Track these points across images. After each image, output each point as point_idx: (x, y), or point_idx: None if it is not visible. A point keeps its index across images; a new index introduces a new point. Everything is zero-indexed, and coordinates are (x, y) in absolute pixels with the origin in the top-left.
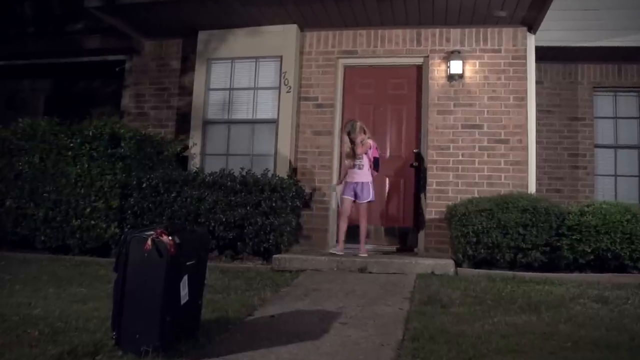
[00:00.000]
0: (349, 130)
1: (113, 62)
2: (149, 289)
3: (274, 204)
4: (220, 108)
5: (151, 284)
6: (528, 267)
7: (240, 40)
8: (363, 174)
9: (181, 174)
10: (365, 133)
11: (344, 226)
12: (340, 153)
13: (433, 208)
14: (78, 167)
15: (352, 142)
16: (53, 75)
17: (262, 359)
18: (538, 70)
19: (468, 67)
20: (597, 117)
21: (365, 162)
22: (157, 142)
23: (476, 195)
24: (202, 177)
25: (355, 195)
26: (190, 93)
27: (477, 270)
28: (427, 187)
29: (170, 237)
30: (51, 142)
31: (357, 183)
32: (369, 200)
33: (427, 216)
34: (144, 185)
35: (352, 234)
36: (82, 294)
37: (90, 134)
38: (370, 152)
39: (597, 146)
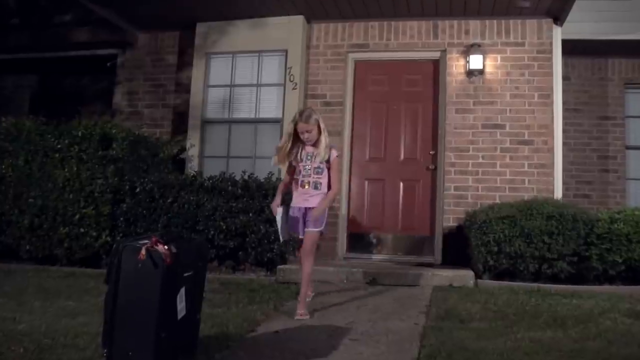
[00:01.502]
0: (296, 121)
1: (104, 56)
2: (143, 303)
3: None
4: (220, 106)
5: (145, 297)
6: (554, 279)
7: (241, 33)
8: (317, 198)
9: (178, 178)
10: (321, 132)
11: (307, 271)
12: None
13: (451, 215)
14: (66, 170)
15: (298, 136)
16: (39, 70)
17: None
18: (565, 65)
19: (489, 62)
20: (629, 116)
21: (324, 178)
22: (152, 144)
23: (497, 200)
24: (200, 182)
25: (304, 223)
26: (188, 90)
27: (498, 282)
28: (445, 192)
29: (166, 246)
30: (37, 143)
31: (305, 209)
32: (319, 230)
33: (445, 223)
34: (138, 190)
35: (361, 242)
36: (70, 307)
37: (79, 134)
38: (332, 161)
39: (628, 147)
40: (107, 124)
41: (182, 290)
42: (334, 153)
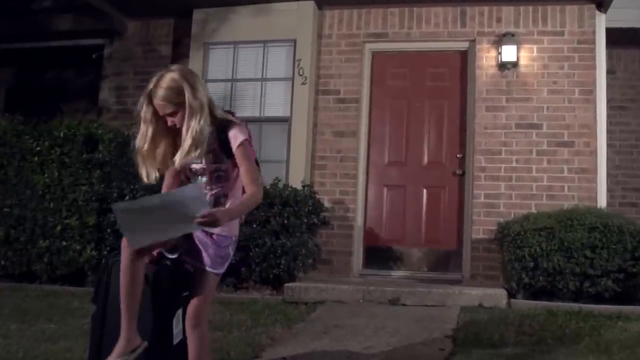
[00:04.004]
0: (150, 91)
1: (89, 47)
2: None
3: (285, 221)
4: (221, 103)
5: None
6: (597, 299)
7: (244, 21)
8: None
9: None
10: (190, 110)
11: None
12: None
13: (481, 226)
14: (46, 175)
15: (165, 115)
16: (15, 63)
17: None
18: (609, 57)
19: (523, 54)
20: None
21: (231, 188)
22: None
23: (533, 210)
24: None
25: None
26: None
27: (534, 302)
28: (474, 201)
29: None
30: (13, 145)
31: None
32: (219, 272)
33: (474, 236)
34: (127, 198)
35: (379, 256)
36: (51, 331)
37: (61, 135)
38: (235, 151)
39: None
40: (92, 124)
41: (179, 312)
42: (239, 136)
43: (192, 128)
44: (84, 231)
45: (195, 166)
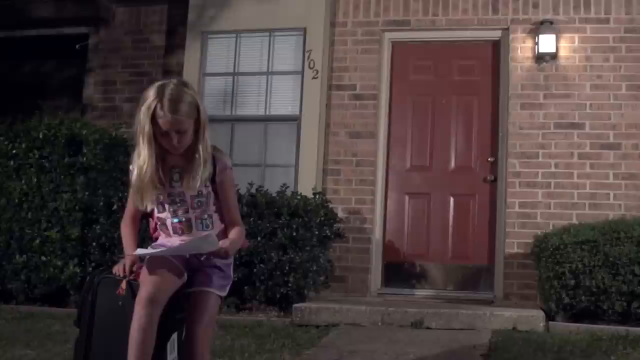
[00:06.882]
0: (153, 108)
1: (72, 36)
2: (124, 351)
3: (294, 234)
4: (221, 100)
5: (127, 343)
6: None
7: (248, 7)
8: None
9: None
10: (200, 128)
11: None
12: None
13: (515, 239)
14: (23, 182)
15: (156, 137)
16: None
17: None
18: None
19: (563, 44)
20: None
21: (212, 211)
22: (133, 148)
23: (575, 221)
24: None
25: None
26: None
27: (575, 325)
28: (507, 210)
29: None
30: None
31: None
32: (224, 295)
33: (507, 250)
34: (115, 207)
35: (400, 274)
36: (29, 358)
37: (40, 136)
38: (226, 177)
39: None
40: (75, 123)
41: (174, 336)
42: (227, 162)
43: (204, 147)
44: (66, 245)
45: (174, 192)
